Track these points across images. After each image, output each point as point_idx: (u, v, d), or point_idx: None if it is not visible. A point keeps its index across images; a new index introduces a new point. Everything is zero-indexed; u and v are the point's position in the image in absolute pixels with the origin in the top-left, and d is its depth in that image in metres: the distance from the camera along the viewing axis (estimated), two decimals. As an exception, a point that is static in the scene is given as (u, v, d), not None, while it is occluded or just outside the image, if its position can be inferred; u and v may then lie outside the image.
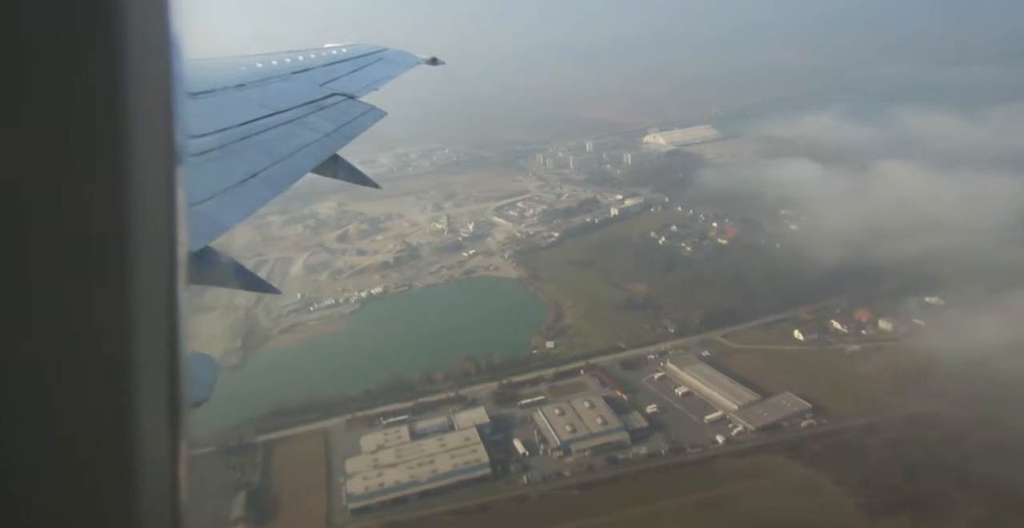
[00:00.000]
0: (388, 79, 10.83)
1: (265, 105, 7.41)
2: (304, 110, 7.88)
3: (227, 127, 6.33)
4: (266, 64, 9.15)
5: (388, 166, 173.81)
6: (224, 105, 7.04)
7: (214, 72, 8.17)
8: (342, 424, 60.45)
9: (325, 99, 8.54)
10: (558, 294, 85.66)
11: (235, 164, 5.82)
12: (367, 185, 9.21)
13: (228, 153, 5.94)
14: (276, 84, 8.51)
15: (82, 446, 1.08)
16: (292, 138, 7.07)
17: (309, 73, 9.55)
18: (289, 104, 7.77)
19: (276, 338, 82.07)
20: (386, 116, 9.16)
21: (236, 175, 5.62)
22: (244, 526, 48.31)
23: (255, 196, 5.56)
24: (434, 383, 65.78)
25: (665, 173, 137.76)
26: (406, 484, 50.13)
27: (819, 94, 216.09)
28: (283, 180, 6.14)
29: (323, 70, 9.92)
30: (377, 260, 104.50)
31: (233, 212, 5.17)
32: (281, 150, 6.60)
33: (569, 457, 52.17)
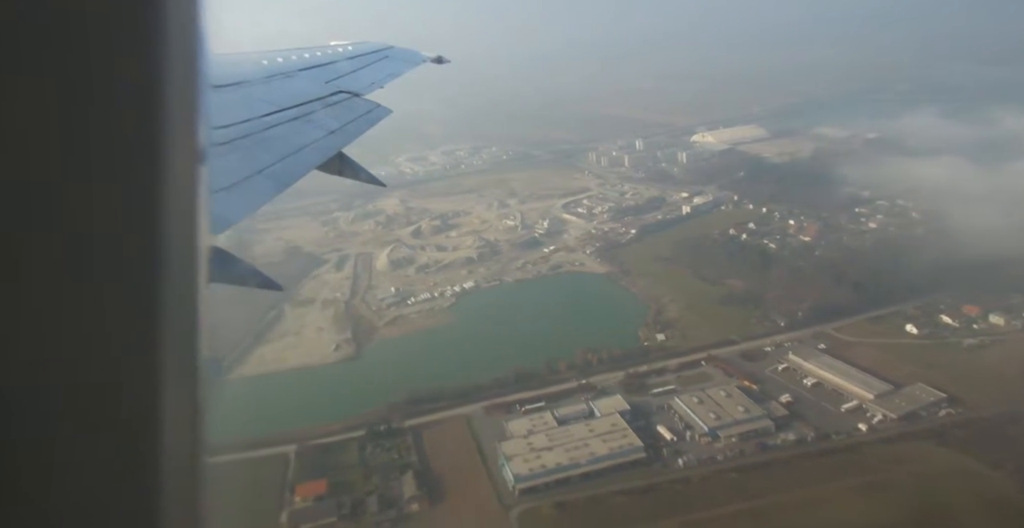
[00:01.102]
0: (393, 77, 10.91)
1: (270, 102, 7.49)
2: (309, 107, 7.93)
3: (232, 123, 6.41)
4: (272, 61, 9.24)
5: (440, 164, 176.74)
6: (230, 102, 7.13)
7: (220, 69, 8.32)
8: (480, 411, 63.01)
9: (330, 96, 8.63)
10: (652, 289, 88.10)
11: (240, 160, 5.84)
12: (372, 183, 9.09)
13: (233, 149, 5.98)
14: (281, 81, 8.61)
15: (110, 445, 1.10)
16: (297, 135, 7.09)
17: (314, 70, 9.61)
18: (294, 101, 7.83)
19: (382, 330, 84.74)
20: (392, 113, 9.16)
21: (241, 171, 5.64)
22: (420, 504, 50.82)
23: (259, 193, 5.56)
24: (558, 373, 68.32)
25: (725, 172, 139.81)
26: (567, 466, 52.74)
27: (859, 93, 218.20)
28: (288, 177, 6.11)
29: (328, 68, 9.99)
30: (460, 256, 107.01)
31: (237, 208, 5.16)
32: (286, 147, 6.63)
33: (718, 443, 54.72)
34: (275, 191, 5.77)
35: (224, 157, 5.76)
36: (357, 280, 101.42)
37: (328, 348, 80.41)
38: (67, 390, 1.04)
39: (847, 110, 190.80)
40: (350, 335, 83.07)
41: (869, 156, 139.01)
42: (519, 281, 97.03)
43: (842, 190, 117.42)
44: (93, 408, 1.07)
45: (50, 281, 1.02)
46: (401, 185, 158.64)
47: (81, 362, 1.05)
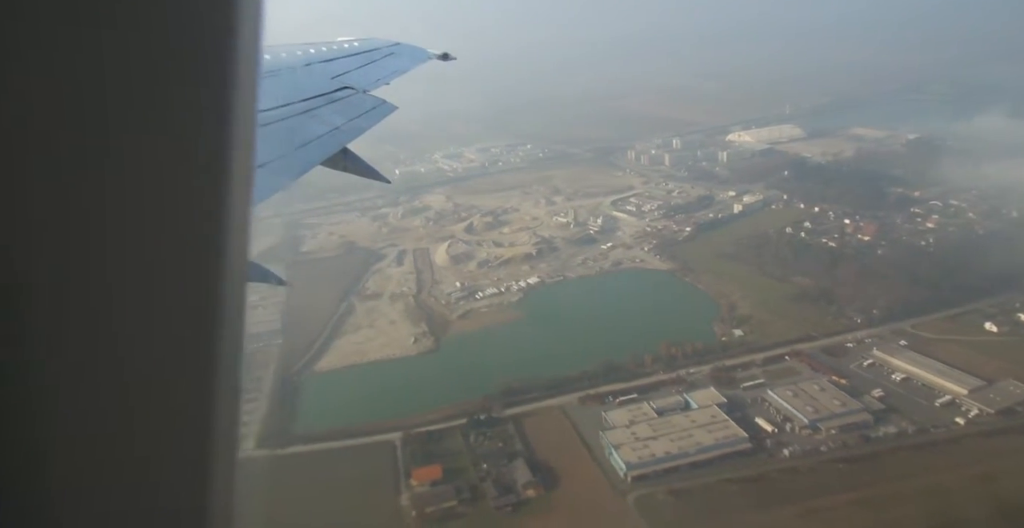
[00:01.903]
0: (399, 73, 10.95)
1: (276, 97, 7.55)
2: (314, 103, 7.98)
3: None
4: (276, 56, 9.32)
5: (478, 161, 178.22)
6: None
7: None
8: (574, 402, 64.80)
9: (336, 92, 8.66)
10: (719, 286, 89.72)
11: None
12: (377, 179, 9.17)
13: None
14: (287, 76, 8.73)
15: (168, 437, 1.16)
16: (302, 130, 7.15)
17: (320, 66, 9.69)
18: (299, 96, 7.91)
19: (455, 324, 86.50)
20: (397, 110, 9.27)
21: None
22: (535, 489, 52.62)
23: (263, 187, 5.59)
24: (643, 366, 70.07)
25: (769, 171, 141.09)
26: (676, 455, 54.50)
27: (891, 93, 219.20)
28: (292, 172, 6.19)
29: (334, 63, 10.07)
30: (518, 252, 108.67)
31: None
32: (291, 142, 6.72)
33: (819, 435, 56.42)
34: (279, 186, 5.81)
35: None
36: (420, 275, 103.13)
37: (406, 341, 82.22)
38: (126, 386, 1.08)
39: (881, 110, 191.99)
40: (426, 328, 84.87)
41: (913, 156, 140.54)
42: (582, 277, 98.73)
43: (891, 190, 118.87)
44: (155, 403, 1.10)
45: (122, 277, 1.06)
46: (443, 182, 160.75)
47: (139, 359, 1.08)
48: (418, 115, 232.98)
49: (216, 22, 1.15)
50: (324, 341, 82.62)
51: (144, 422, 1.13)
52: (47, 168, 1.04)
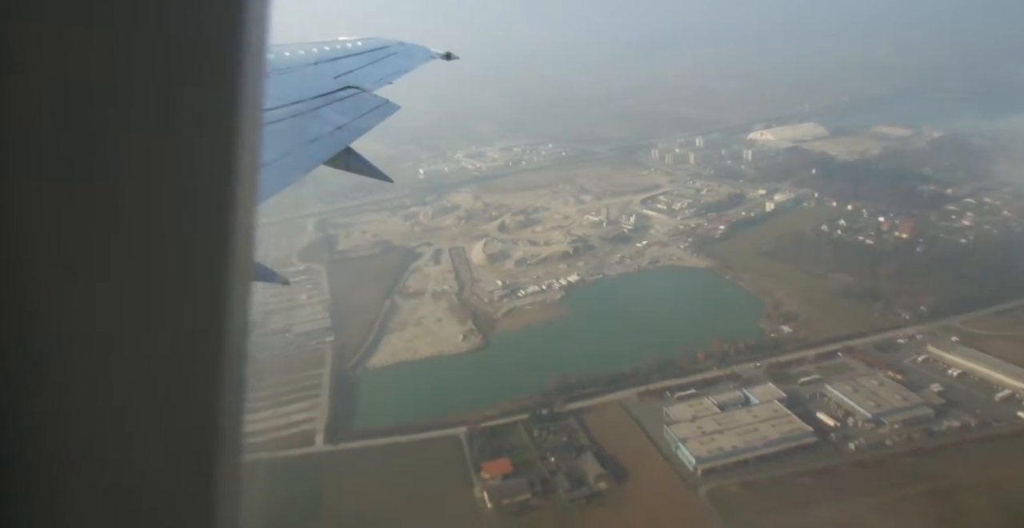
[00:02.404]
0: (402, 73, 11.01)
1: (279, 97, 7.59)
2: (317, 102, 8.04)
3: None
4: (279, 56, 9.37)
5: (500, 160, 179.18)
6: None
7: None
8: (632, 397, 65.87)
9: (338, 92, 8.71)
10: (760, 283, 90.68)
11: None
12: (380, 178, 9.19)
13: None
14: (290, 76, 8.74)
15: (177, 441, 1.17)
16: (305, 130, 7.21)
17: (323, 66, 9.75)
18: (302, 96, 7.96)
19: (501, 321, 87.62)
20: (400, 109, 9.32)
21: None
22: (607, 482, 53.72)
23: (266, 186, 5.65)
24: (697, 362, 71.13)
25: (796, 169, 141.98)
26: (744, 449, 55.56)
27: (908, 91, 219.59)
28: (295, 172, 6.27)
29: (337, 63, 10.12)
30: (555, 250, 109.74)
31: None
32: (293, 142, 6.78)
33: (882, 429, 57.42)
34: (282, 185, 5.87)
35: None
36: (458, 273, 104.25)
37: (455, 338, 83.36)
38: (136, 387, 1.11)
39: (902, 108, 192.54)
40: (472, 326, 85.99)
41: (940, 154, 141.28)
42: (622, 275, 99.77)
43: (923, 188, 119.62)
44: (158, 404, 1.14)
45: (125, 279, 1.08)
46: (468, 181, 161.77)
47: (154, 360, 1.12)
48: (436, 115, 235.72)
49: (221, 20, 1.16)
50: (374, 339, 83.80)
51: (150, 422, 1.14)
52: (51, 167, 1.05)
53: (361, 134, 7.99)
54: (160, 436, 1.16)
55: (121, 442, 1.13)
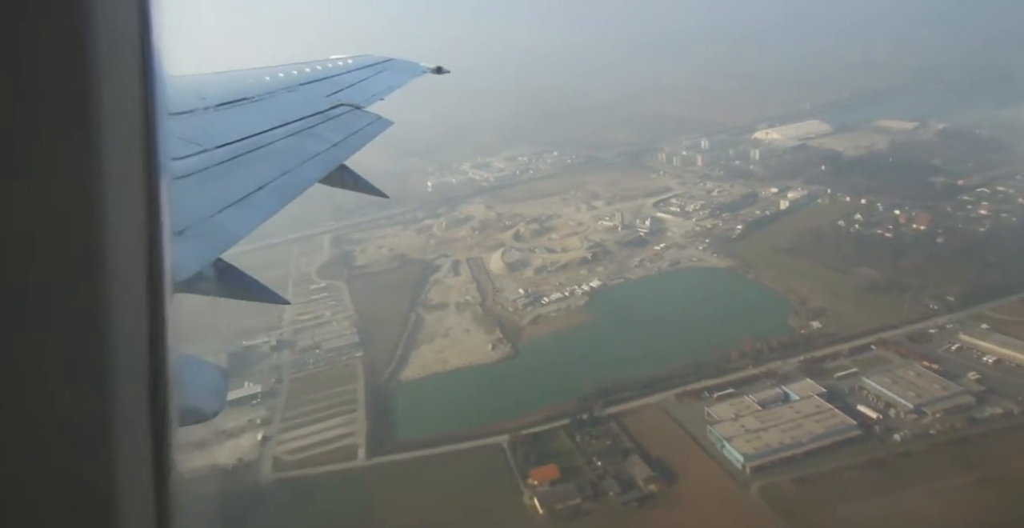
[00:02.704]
0: (393, 89, 11.11)
1: (273, 117, 7.70)
2: (311, 121, 8.15)
3: (237, 139, 6.58)
4: (273, 76, 9.48)
5: (507, 169, 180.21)
6: (234, 117, 7.36)
7: (225, 85, 8.57)
8: (671, 399, 66.23)
9: (331, 110, 8.86)
10: (783, 281, 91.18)
11: (245, 176, 6.05)
12: (375, 194, 9.21)
13: (238, 165, 6.17)
14: (283, 96, 8.84)
15: (58, 454, 1.10)
16: (300, 149, 7.28)
17: (315, 84, 9.88)
18: (296, 115, 8.06)
19: (528, 329, 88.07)
20: (392, 125, 9.39)
21: (246, 186, 5.86)
22: (657, 484, 54.00)
23: (264, 207, 5.76)
24: (731, 362, 71.53)
25: (805, 167, 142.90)
26: (790, 445, 55.90)
27: (905, 86, 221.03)
28: (291, 191, 6.33)
29: (329, 81, 10.25)
30: (573, 256, 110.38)
31: (243, 223, 5.35)
32: (290, 161, 6.81)
33: (925, 419, 57.79)
34: (278, 206, 5.95)
35: (230, 173, 5.95)
36: (479, 284, 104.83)
37: (484, 348, 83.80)
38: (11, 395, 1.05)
39: (902, 102, 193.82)
40: (500, 335, 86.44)
41: (947, 146, 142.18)
42: (643, 278, 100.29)
43: (934, 180, 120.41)
44: (40, 413, 1.08)
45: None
46: (478, 192, 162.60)
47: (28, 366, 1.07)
48: (438, 128, 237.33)
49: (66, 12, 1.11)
50: (403, 352, 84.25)
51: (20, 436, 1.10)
52: None
53: (355, 151, 8.10)
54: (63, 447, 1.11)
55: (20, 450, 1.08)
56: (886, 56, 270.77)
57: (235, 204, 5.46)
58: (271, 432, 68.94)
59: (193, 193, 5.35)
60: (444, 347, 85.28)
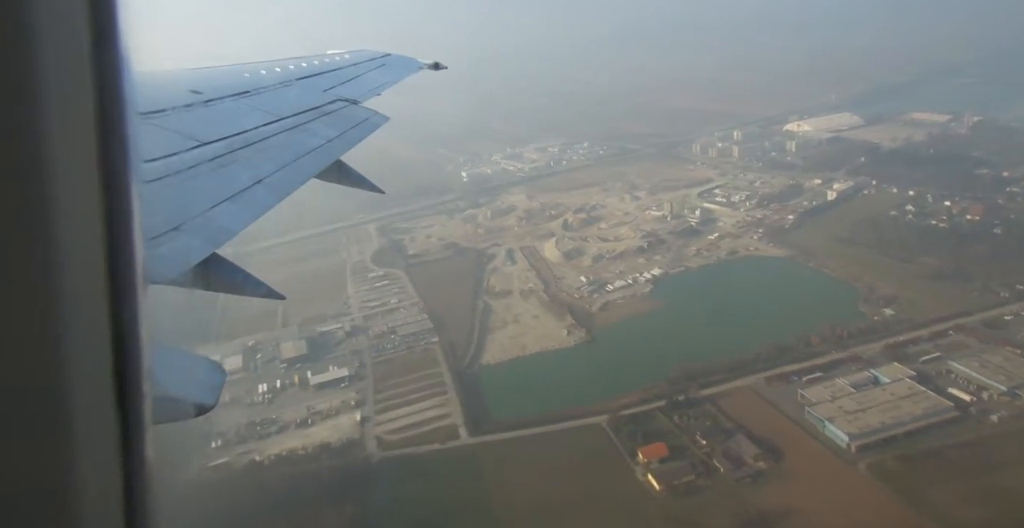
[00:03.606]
0: (390, 84, 11.16)
1: (270, 112, 7.74)
2: (308, 116, 8.19)
3: (233, 134, 6.63)
4: (269, 71, 9.55)
5: (541, 161, 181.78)
6: (230, 112, 7.38)
7: (220, 80, 8.57)
8: (760, 382, 68.51)
9: (328, 105, 8.90)
10: (847, 269, 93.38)
11: (241, 171, 6.07)
12: (371, 190, 9.27)
13: (234, 160, 6.19)
14: (280, 91, 8.85)
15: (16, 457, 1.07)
16: (296, 144, 7.31)
17: (312, 79, 9.91)
18: (293, 110, 8.12)
19: (599, 316, 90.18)
20: (389, 121, 9.47)
21: (242, 181, 5.87)
22: (764, 461, 56.34)
23: (260, 202, 5.79)
24: (813, 346, 73.84)
25: (844, 158, 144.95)
26: (891, 425, 58.26)
27: (930, 78, 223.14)
28: (287, 186, 6.36)
29: (326, 76, 10.31)
30: (628, 245, 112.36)
31: (239, 218, 5.37)
32: (285, 156, 6.85)
33: (1019, 401, 60.22)
34: (274, 201, 5.98)
35: (226, 168, 5.97)
36: (539, 272, 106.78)
37: (559, 333, 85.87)
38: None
39: (928, 95, 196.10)
40: (572, 321, 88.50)
41: (985, 138, 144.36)
42: (703, 267, 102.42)
43: (978, 172, 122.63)
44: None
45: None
46: (514, 182, 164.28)
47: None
48: (458, 119, 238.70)
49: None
50: (479, 337, 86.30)
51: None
52: None
53: (352, 146, 8.15)
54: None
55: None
56: (900, 45, 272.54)
57: (231, 199, 5.49)
58: (368, 413, 71.02)
59: (188, 188, 5.38)
60: (518, 333, 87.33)
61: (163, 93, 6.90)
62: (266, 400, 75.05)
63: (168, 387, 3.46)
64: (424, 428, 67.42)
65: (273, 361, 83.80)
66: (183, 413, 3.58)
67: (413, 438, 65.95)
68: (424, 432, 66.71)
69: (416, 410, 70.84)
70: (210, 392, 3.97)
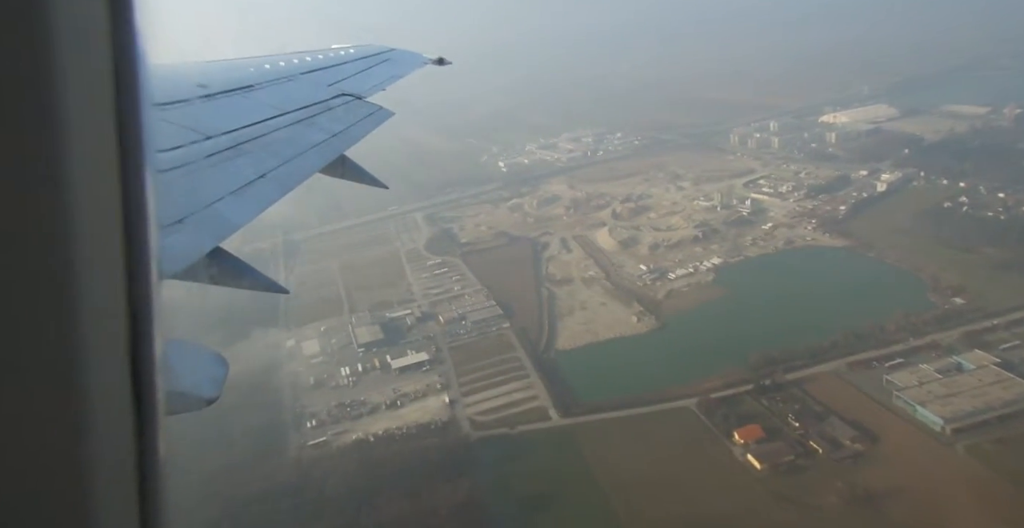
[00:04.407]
0: (395, 79, 11.21)
1: (274, 106, 7.77)
2: (312, 111, 8.20)
3: (238, 128, 6.66)
4: (274, 65, 9.52)
5: (576, 150, 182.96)
6: (234, 106, 7.40)
7: (225, 73, 8.65)
8: (842, 367, 70.23)
9: (332, 100, 8.93)
10: (909, 259, 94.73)
11: (245, 165, 6.10)
12: (374, 185, 9.29)
13: (239, 153, 6.22)
14: (284, 85, 8.86)
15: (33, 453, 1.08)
16: (300, 139, 7.33)
17: (316, 74, 9.95)
18: (297, 105, 8.14)
19: (665, 303, 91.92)
20: (393, 116, 9.53)
21: (246, 175, 5.91)
22: (861, 443, 58.19)
23: (263, 196, 5.83)
24: (889, 334, 75.51)
25: (887, 150, 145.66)
26: (983, 409, 59.88)
27: (958, 70, 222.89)
28: (291, 181, 6.39)
29: (330, 71, 10.33)
30: (683, 234, 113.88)
31: (242, 212, 5.40)
32: (290, 151, 6.87)
33: (1109, 385, 62.00)
34: (278, 195, 6.02)
35: (230, 161, 6.00)
36: (596, 260, 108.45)
37: (629, 320, 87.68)
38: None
39: (960, 87, 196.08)
40: (640, 308, 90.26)
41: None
42: (762, 256, 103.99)
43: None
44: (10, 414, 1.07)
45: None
46: (554, 172, 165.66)
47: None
48: (482, 109, 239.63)
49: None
50: (549, 323, 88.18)
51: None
52: None
53: (356, 141, 8.20)
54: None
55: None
56: (930, 41, 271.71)
57: (234, 193, 5.54)
58: (454, 396, 73.02)
59: (192, 182, 5.44)
60: (587, 319, 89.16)
61: (169, 86, 7.00)
62: (351, 383, 77.05)
63: (173, 380, 3.53)
64: (513, 410, 69.38)
65: (349, 345, 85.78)
66: (187, 405, 3.66)
67: (505, 419, 67.92)
68: (514, 414, 68.68)
69: (501, 393, 72.80)
70: (214, 384, 3.99)
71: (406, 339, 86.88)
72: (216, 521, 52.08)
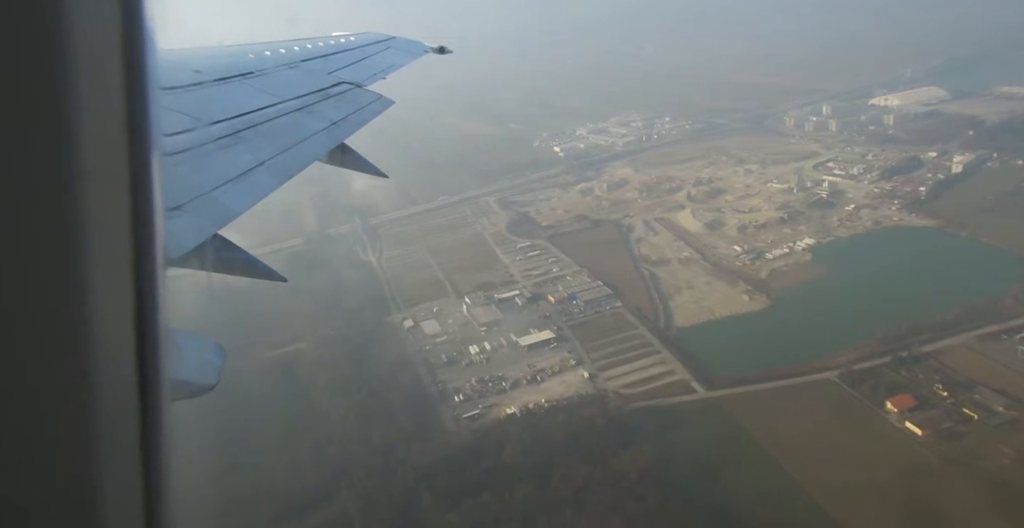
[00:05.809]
0: (396, 68, 11.31)
1: (274, 93, 7.80)
2: (312, 98, 8.25)
3: (237, 115, 6.73)
4: (274, 52, 9.54)
5: (629, 135, 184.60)
6: (234, 93, 7.41)
7: (223, 60, 8.64)
8: (972, 340, 72.97)
9: (332, 88, 8.98)
10: (1006, 238, 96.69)
11: (245, 152, 6.18)
12: (374, 174, 9.34)
13: (238, 141, 6.30)
14: (284, 72, 8.90)
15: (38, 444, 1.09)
16: (300, 126, 7.37)
17: (316, 62, 10.00)
18: (297, 92, 8.20)
19: (770, 282, 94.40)
20: (394, 104, 9.59)
21: (245, 163, 5.98)
22: (1016, 411, 61.05)
23: (262, 185, 5.90)
24: (1008, 307, 78.21)
25: (949, 132, 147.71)
26: None
27: (999, 52, 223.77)
28: (290, 168, 6.45)
29: (331, 59, 10.41)
30: (768, 216, 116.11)
31: (242, 200, 5.45)
32: (289, 138, 6.93)
33: None
34: (277, 183, 6.05)
35: (229, 149, 6.03)
36: (686, 241, 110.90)
37: (739, 298, 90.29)
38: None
39: (1004, 69, 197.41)
40: (746, 287, 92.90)
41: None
42: (853, 236, 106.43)
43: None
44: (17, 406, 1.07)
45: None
46: (613, 157, 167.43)
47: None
48: (513, 93, 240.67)
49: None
50: (661, 302, 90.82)
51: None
52: None
53: (356, 129, 8.27)
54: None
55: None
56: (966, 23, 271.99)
57: (233, 180, 5.57)
58: (591, 371, 75.80)
59: (190, 169, 5.48)
60: (697, 298, 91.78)
61: (165, 72, 6.92)
62: (483, 360, 79.76)
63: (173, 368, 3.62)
64: (655, 383, 72.17)
65: (468, 325, 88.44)
66: (189, 392, 3.77)
67: (649, 392, 70.74)
68: (658, 387, 71.49)
69: (637, 367, 75.57)
70: (212, 372, 4.06)
71: (521, 319, 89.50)
72: (423, 489, 55.00)
